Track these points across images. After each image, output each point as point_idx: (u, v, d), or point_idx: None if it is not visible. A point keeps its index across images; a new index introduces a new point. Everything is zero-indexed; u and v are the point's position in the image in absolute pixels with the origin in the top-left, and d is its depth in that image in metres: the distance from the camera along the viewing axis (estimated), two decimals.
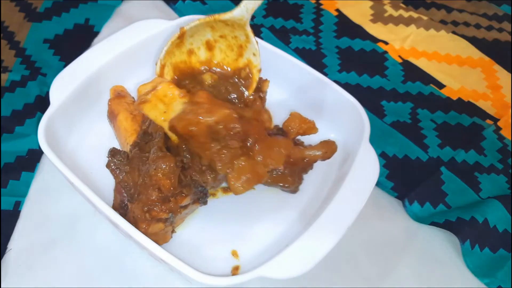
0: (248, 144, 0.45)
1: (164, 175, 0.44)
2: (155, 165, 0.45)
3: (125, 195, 0.48)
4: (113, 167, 0.49)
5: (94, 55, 0.56)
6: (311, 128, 0.52)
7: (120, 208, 0.48)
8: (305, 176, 0.53)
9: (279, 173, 0.50)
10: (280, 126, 0.54)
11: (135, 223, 0.44)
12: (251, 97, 0.52)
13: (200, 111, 0.45)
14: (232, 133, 0.44)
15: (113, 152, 0.49)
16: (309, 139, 0.55)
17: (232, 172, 0.44)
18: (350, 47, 0.73)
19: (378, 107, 0.65)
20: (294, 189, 0.52)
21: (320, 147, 0.52)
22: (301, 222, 0.50)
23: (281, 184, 0.51)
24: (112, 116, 0.54)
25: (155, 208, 0.44)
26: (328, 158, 0.52)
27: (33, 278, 0.48)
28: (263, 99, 0.53)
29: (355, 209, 0.46)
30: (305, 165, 0.52)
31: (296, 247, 0.43)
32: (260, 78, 0.52)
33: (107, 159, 0.49)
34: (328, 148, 0.52)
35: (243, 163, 0.44)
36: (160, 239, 0.46)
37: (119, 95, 0.56)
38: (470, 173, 0.59)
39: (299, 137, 0.54)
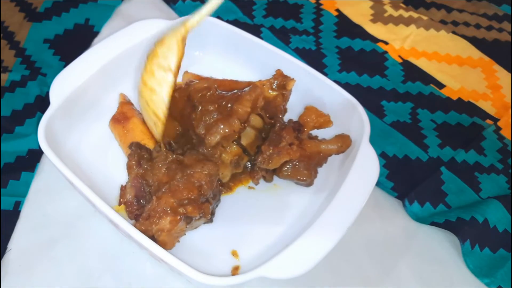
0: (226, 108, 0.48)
1: (209, 176, 0.46)
2: (202, 166, 0.46)
3: (144, 189, 0.48)
4: (136, 159, 0.48)
5: (94, 55, 0.56)
6: (327, 121, 0.53)
7: (135, 203, 0.47)
8: None
9: (296, 166, 0.51)
10: (295, 119, 0.54)
11: (158, 215, 0.44)
12: (274, 92, 0.53)
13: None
14: (206, 97, 0.48)
15: (139, 145, 0.50)
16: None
17: (204, 129, 0.47)
18: (350, 47, 0.73)
19: (378, 107, 0.65)
20: (310, 182, 0.53)
21: (335, 141, 0.52)
22: (301, 222, 0.50)
23: (298, 177, 0.52)
24: (123, 118, 0.54)
25: (193, 204, 0.44)
26: (343, 152, 0.53)
27: (33, 278, 0.48)
28: (285, 97, 0.54)
29: (355, 209, 0.46)
30: (320, 159, 0.53)
31: (296, 247, 0.43)
32: (287, 77, 0.54)
33: (131, 149, 0.49)
34: (343, 142, 0.52)
35: (213, 119, 0.47)
36: (169, 242, 0.46)
37: (128, 101, 0.57)
38: (470, 173, 0.59)
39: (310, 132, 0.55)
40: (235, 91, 0.50)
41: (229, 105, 0.48)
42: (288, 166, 0.51)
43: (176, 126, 0.52)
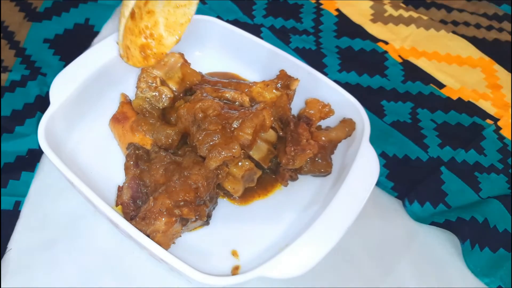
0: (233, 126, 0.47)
1: (205, 178, 0.46)
2: (199, 168, 0.46)
3: (140, 190, 0.48)
4: (134, 159, 0.48)
5: (94, 55, 0.56)
6: (330, 110, 0.54)
7: (131, 204, 0.47)
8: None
9: (314, 159, 0.52)
10: (296, 115, 0.55)
11: (154, 216, 0.44)
12: (278, 92, 0.54)
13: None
14: (211, 117, 0.47)
15: (137, 146, 0.50)
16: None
17: (206, 151, 0.46)
18: (350, 47, 0.73)
19: (378, 107, 0.65)
20: (329, 172, 0.53)
21: (342, 127, 0.53)
22: (301, 222, 0.50)
23: (321, 170, 0.52)
24: (124, 117, 0.54)
25: (189, 206, 0.44)
26: (349, 136, 0.54)
27: (33, 278, 0.48)
28: (290, 96, 0.54)
29: (355, 209, 0.46)
30: (332, 147, 0.53)
31: (296, 247, 0.43)
32: (291, 77, 0.54)
33: (128, 151, 0.49)
34: (349, 126, 0.53)
35: (216, 141, 0.46)
36: (164, 243, 0.46)
37: (129, 101, 0.57)
38: (470, 173, 0.59)
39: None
40: (242, 110, 0.49)
41: (234, 125, 0.47)
42: (307, 162, 0.51)
43: (175, 129, 0.52)
